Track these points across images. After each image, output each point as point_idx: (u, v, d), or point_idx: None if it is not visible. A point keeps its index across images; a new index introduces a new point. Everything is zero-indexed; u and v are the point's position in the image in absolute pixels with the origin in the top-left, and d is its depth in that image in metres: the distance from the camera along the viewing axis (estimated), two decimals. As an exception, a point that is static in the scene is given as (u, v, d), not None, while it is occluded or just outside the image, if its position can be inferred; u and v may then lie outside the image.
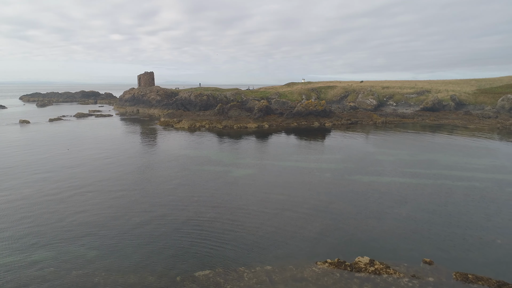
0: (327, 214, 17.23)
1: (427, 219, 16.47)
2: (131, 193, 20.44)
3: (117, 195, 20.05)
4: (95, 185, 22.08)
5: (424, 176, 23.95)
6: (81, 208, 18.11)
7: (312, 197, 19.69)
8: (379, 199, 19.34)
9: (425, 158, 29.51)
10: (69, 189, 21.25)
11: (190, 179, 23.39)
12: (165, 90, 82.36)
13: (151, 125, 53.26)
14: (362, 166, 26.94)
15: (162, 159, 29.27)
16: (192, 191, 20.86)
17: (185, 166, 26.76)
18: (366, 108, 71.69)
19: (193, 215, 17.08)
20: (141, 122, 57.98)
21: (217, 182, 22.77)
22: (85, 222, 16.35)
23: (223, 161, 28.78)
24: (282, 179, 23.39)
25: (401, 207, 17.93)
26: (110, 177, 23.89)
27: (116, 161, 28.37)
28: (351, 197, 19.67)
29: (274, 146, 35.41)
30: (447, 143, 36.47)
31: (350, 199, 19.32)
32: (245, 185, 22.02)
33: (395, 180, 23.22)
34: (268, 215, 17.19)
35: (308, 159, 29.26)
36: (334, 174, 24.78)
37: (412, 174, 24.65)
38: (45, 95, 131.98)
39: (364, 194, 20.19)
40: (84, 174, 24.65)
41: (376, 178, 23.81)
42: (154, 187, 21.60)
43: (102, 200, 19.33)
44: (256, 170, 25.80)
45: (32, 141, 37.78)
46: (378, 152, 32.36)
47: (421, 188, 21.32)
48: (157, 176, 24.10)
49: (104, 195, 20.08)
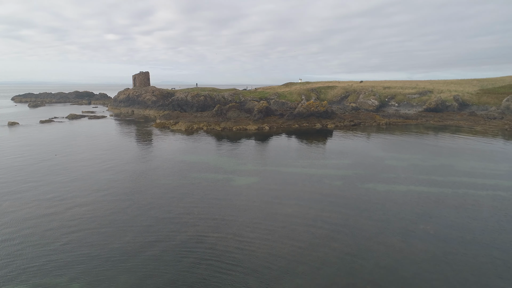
0: (345, 233, 15.22)
1: (459, 238, 14.52)
2: (122, 210, 18.29)
3: (106, 213, 17.90)
4: (80, 198, 19.90)
5: (442, 185, 22.04)
6: (63, 229, 15.96)
7: (326, 211, 17.68)
8: (400, 213, 17.37)
9: (439, 164, 27.62)
10: (50, 203, 19.07)
11: (189, 190, 21.28)
12: (161, 90, 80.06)
13: (147, 127, 51.01)
14: (374, 173, 24.99)
15: (157, 166, 27.12)
16: (192, 204, 18.76)
17: (182, 174, 24.64)
18: (367, 109, 69.88)
19: (193, 235, 15.00)
20: (136, 124, 55.70)
21: (219, 193, 20.68)
22: (69, 246, 14.21)
23: (224, 167, 26.69)
24: (289, 189, 21.36)
25: (426, 223, 15.96)
26: (98, 188, 21.72)
27: (106, 169, 26.18)
28: (369, 211, 17.68)
29: (277, 150, 33.38)
30: (458, 147, 34.65)
31: (368, 213, 17.33)
32: (249, 197, 19.96)
33: (412, 189, 21.28)
34: (278, 233, 15.16)
35: (315, 165, 27.25)
36: (345, 182, 22.79)
37: (429, 182, 22.73)
38: (37, 96, 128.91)
39: (382, 207, 18.21)
40: (69, 184, 22.45)
41: (391, 187, 21.86)
42: (148, 201, 19.47)
43: (89, 218, 17.18)
44: (260, 178, 23.75)
45: (19, 145, 35.43)
46: (388, 156, 30.43)
47: (443, 199, 19.38)
48: (152, 186, 21.97)
49: (90, 212, 17.92)
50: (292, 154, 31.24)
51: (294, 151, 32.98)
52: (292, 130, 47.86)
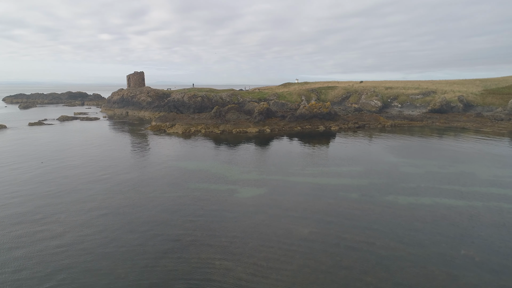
0: (376, 261, 12.95)
1: (510, 267, 12.33)
2: (114, 238, 15.90)
3: (94, 244, 15.49)
4: (62, 215, 17.46)
5: (470, 197, 19.88)
6: (33, 260, 13.53)
7: (347, 231, 15.40)
8: (432, 233, 15.15)
9: (459, 171, 25.50)
10: (28, 221, 16.60)
11: (188, 205, 18.89)
12: (156, 91, 77.43)
13: (141, 130, 48.46)
14: (390, 183, 22.79)
15: (152, 176, 24.68)
16: (192, 223, 16.39)
17: (180, 185, 22.25)
18: (370, 110, 67.87)
19: (196, 265, 12.65)
20: (130, 126, 53.10)
21: (222, 208, 18.33)
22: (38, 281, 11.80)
23: (226, 176, 24.33)
24: (302, 203, 19.05)
25: (467, 248, 13.75)
26: (81, 208, 19.26)
27: (95, 181, 23.69)
28: (396, 230, 15.45)
29: (281, 155, 31.07)
30: (474, 151, 32.60)
31: (396, 234, 15.09)
32: (257, 213, 17.63)
33: (438, 202, 19.08)
34: (296, 260, 12.86)
35: (325, 173, 24.99)
36: (361, 194, 20.54)
37: (454, 193, 20.57)
38: (29, 96, 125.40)
39: (410, 225, 15.99)
40: (52, 199, 19.96)
41: (413, 199, 19.66)
42: (141, 221, 17.08)
43: (66, 243, 14.78)
44: (267, 190, 21.43)
45: (1, 151, 32.77)
46: (402, 162, 28.27)
47: (476, 215, 17.20)
48: (146, 201, 19.56)
49: (69, 236, 15.51)
50: (298, 161, 28.95)
51: (300, 156, 30.69)
52: (295, 132, 45.61)
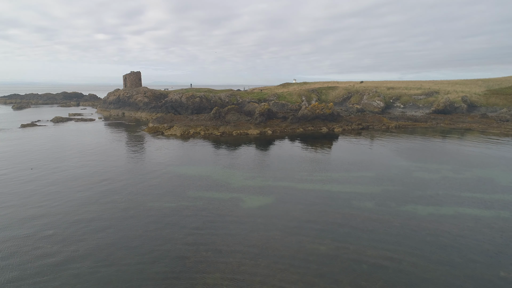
0: (405, 284, 11.38)
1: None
2: (104, 258, 14.25)
3: (76, 258, 13.82)
4: (49, 230, 15.76)
5: (495, 206, 18.39)
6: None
7: (368, 247, 13.82)
8: (461, 249, 13.61)
9: (475, 177, 24.04)
10: (9, 239, 14.90)
11: (188, 217, 17.25)
12: (153, 91, 75.60)
13: (138, 132, 46.69)
14: (406, 190, 21.26)
15: (149, 184, 23.01)
16: (195, 240, 14.76)
17: (180, 194, 20.59)
18: (372, 110, 66.47)
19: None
20: (126, 128, 51.29)
21: (227, 220, 16.70)
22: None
23: (229, 182, 22.71)
24: (314, 214, 17.45)
25: (507, 269, 12.21)
26: (73, 211, 17.58)
27: (86, 189, 21.99)
28: (421, 246, 13.90)
29: (286, 159, 29.47)
30: (488, 154, 31.18)
31: (421, 250, 13.54)
32: (266, 226, 16.02)
33: (461, 212, 17.58)
34: (318, 283, 11.27)
35: (335, 180, 23.42)
36: (376, 203, 18.99)
37: (476, 201, 19.08)
38: (23, 97, 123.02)
39: (435, 240, 14.45)
40: (39, 209, 18.25)
41: (434, 209, 18.13)
42: (136, 235, 15.43)
43: (55, 262, 13.10)
44: (274, 198, 19.82)
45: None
46: (414, 167, 26.77)
47: (507, 228, 15.70)
48: (142, 214, 17.90)
49: (61, 256, 13.84)
50: (305, 165, 27.36)
51: (306, 161, 29.10)
52: (297, 134, 44.05)
